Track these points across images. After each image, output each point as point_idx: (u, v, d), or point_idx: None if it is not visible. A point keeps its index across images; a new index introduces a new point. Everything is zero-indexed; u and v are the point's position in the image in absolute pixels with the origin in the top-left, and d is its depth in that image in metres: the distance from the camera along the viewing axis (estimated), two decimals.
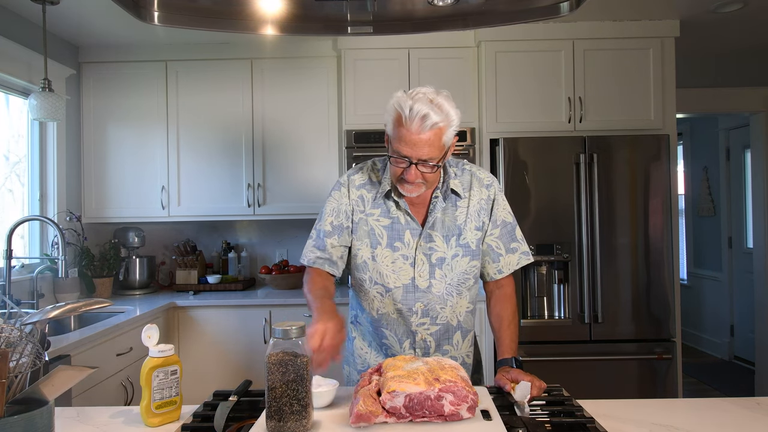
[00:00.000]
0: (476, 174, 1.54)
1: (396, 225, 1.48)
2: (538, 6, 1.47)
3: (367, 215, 1.50)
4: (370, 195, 1.52)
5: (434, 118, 1.30)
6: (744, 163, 4.81)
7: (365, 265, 1.50)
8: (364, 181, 1.54)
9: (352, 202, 1.51)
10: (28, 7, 2.75)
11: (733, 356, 5.07)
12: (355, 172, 1.56)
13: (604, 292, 2.86)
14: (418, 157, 1.34)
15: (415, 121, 1.30)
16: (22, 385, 0.95)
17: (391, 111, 1.36)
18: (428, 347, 1.51)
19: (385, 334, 1.52)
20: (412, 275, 1.47)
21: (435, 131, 1.32)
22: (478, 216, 1.51)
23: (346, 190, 1.53)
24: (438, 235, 1.48)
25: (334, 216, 1.51)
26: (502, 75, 3.06)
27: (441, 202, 1.48)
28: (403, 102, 1.33)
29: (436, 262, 1.48)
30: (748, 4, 2.92)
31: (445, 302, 1.49)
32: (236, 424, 1.15)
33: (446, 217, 1.49)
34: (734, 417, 1.23)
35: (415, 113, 1.30)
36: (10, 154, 2.99)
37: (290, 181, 3.39)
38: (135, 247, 3.49)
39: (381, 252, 1.48)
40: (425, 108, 1.30)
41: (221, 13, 1.47)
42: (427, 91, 1.35)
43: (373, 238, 1.49)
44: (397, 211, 1.49)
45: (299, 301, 3.08)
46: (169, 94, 3.40)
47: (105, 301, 1.19)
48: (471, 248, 1.50)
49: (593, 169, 2.87)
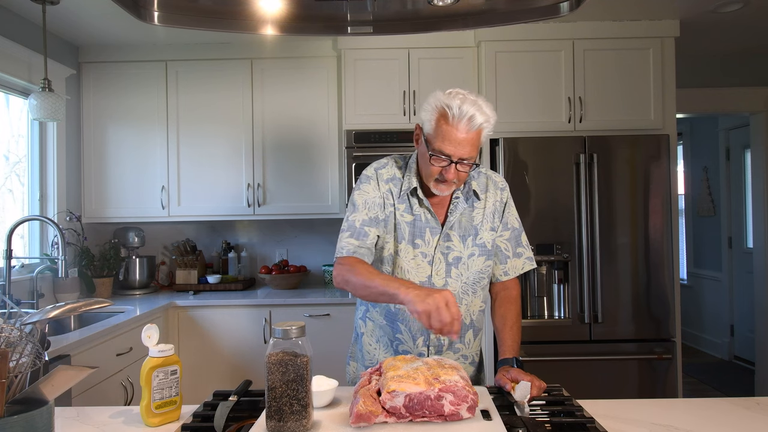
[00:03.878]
0: (491, 177, 1.59)
1: (418, 222, 1.49)
2: (538, 6, 1.47)
3: (395, 209, 1.51)
4: (396, 189, 1.52)
5: (480, 119, 1.34)
6: (744, 163, 4.81)
7: (391, 257, 1.50)
8: (391, 175, 1.54)
9: (383, 194, 1.51)
10: (28, 7, 2.75)
11: (733, 356, 5.07)
12: (381, 166, 1.56)
13: (604, 292, 2.86)
14: (459, 156, 1.37)
15: (464, 121, 1.34)
16: (22, 385, 0.95)
17: (433, 110, 1.38)
18: (441, 345, 1.52)
19: (400, 328, 1.52)
20: (429, 273, 1.49)
21: (478, 131, 1.36)
22: (492, 217, 1.54)
23: (375, 183, 1.52)
24: (455, 235, 1.50)
25: (368, 208, 1.49)
26: (502, 75, 3.06)
27: (462, 203, 1.50)
28: (449, 101, 1.35)
29: (452, 261, 1.50)
30: (748, 4, 2.92)
31: (461, 301, 1.50)
32: (236, 424, 1.15)
33: (463, 218, 1.52)
34: (734, 417, 1.23)
35: (464, 113, 1.33)
36: (10, 154, 2.99)
37: (290, 181, 3.39)
38: (135, 247, 3.49)
39: (404, 247, 1.49)
40: (472, 109, 1.33)
41: (221, 13, 1.47)
42: (465, 92, 1.38)
43: (399, 233, 1.50)
44: (420, 209, 1.50)
45: (299, 301, 3.08)
46: (169, 94, 3.40)
47: (105, 301, 1.19)
48: (487, 248, 1.53)
49: (593, 169, 2.87)
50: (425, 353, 1.51)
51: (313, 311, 3.06)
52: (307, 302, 3.07)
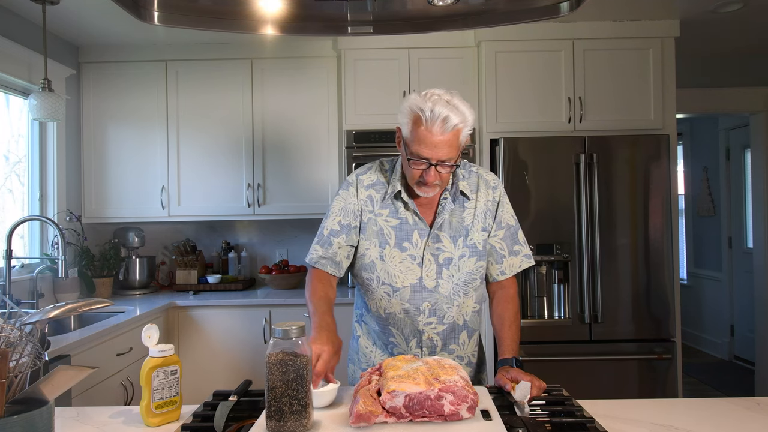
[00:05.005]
0: (483, 176, 1.57)
1: (404, 225, 1.49)
2: (538, 6, 1.46)
3: (375, 215, 1.50)
4: (378, 195, 1.52)
5: (455, 119, 1.32)
6: (744, 163, 4.81)
7: (373, 265, 1.50)
8: (372, 181, 1.54)
9: (360, 201, 1.51)
10: (28, 7, 2.75)
11: (733, 356, 5.07)
12: (363, 172, 1.56)
13: (604, 292, 2.86)
14: (437, 159, 1.35)
15: (437, 124, 1.32)
16: (22, 385, 0.95)
17: (408, 113, 1.37)
18: (435, 346, 1.52)
19: (392, 332, 1.52)
20: (419, 275, 1.48)
21: (454, 132, 1.34)
22: (484, 217, 1.53)
23: (354, 189, 1.53)
24: (445, 235, 1.49)
25: (342, 215, 1.51)
26: (502, 75, 3.06)
27: (450, 203, 1.49)
28: (422, 104, 1.33)
29: (443, 262, 1.49)
30: (748, 4, 2.92)
31: (452, 302, 1.50)
32: (236, 424, 1.15)
33: (453, 218, 1.51)
34: (734, 417, 1.23)
35: (436, 116, 1.31)
36: (10, 154, 2.99)
37: (290, 181, 3.39)
38: (135, 247, 3.49)
39: (389, 252, 1.48)
40: (445, 110, 1.32)
41: (221, 13, 1.46)
42: (440, 92, 1.36)
43: (381, 238, 1.49)
44: (406, 212, 1.50)
45: (299, 301, 3.08)
46: (169, 94, 3.40)
47: (105, 301, 1.19)
48: (478, 249, 1.51)
49: (593, 169, 2.87)
50: (419, 354, 1.51)
51: None
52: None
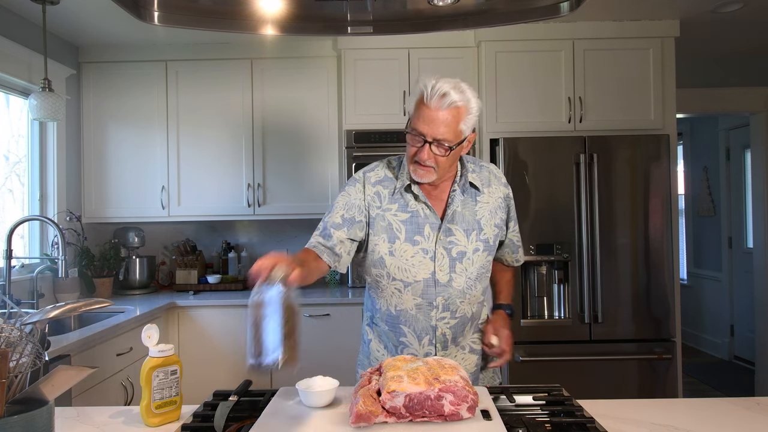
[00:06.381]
0: (494, 172, 1.60)
1: (415, 218, 1.49)
2: (538, 6, 1.47)
3: (384, 211, 1.50)
4: (386, 191, 1.51)
5: (454, 96, 1.35)
6: (744, 163, 4.81)
7: (382, 261, 1.49)
8: (380, 177, 1.53)
9: (367, 197, 1.51)
10: (28, 7, 2.75)
11: (733, 356, 5.07)
12: (371, 169, 1.56)
13: (604, 292, 2.86)
14: (433, 136, 1.36)
15: (435, 98, 1.35)
16: (22, 385, 0.95)
17: (416, 92, 1.40)
18: (447, 341, 1.52)
19: (404, 331, 1.51)
20: (432, 269, 1.48)
21: (452, 111, 1.36)
22: (496, 212, 1.55)
23: (361, 186, 1.53)
24: (458, 229, 1.49)
25: (346, 209, 1.49)
26: (502, 75, 3.06)
27: (459, 195, 1.50)
28: (428, 81, 1.37)
29: (456, 256, 1.49)
30: (748, 4, 2.92)
31: (465, 296, 1.51)
32: (236, 424, 1.15)
33: (466, 211, 1.51)
34: (734, 417, 1.23)
35: (436, 90, 1.35)
36: (10, 154, 2.99)
37: (290, 181, 3.39)
38: (135, 247, 3.49)
39: (400, 246, 1.48)
40: (446, 87, 1.35)
41: (221, 13, 1.47)
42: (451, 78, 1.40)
43: (390, 233, 1.49)
44: (417, 204, 1.49)
45: (299, 300, 3.08)
46: (169, 94, 3.40)
47: (105, 301, 1.19)
48: (490, 244, 1.53)
49: (593, 169, 2.87)
50: (432, 352, 1.50)
51: (313, 311, 3.06)
52: (307, 302, 3.07)
